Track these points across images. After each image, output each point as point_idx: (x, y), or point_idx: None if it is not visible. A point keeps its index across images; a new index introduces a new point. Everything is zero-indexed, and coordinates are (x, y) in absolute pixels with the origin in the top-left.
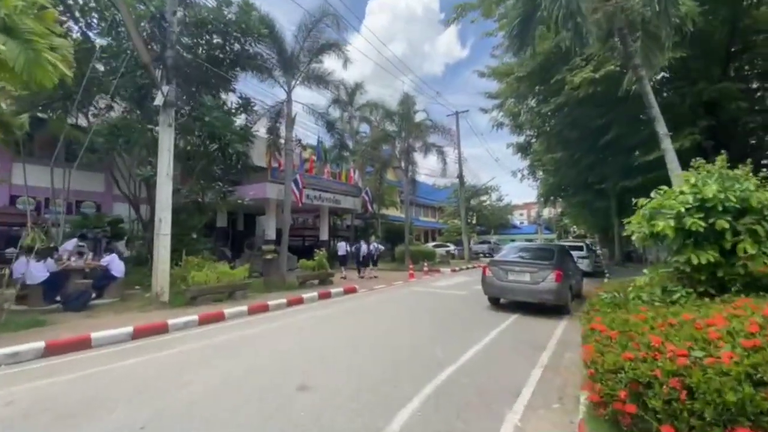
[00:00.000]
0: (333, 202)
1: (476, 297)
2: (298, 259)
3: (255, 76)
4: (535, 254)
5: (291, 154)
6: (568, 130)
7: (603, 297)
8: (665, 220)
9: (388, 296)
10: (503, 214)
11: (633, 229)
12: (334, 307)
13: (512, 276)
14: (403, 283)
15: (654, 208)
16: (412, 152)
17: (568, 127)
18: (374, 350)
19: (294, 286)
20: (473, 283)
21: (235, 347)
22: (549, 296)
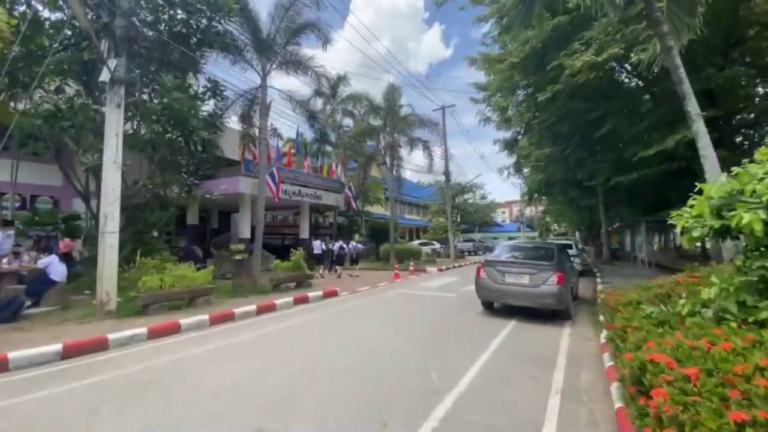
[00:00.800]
0: (314, 198)
1: (467, 300)
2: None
3: (226, 58)
4: (534, 254)
5: (265, 145)
6: (558, 124)
7: (648, 311)
8: (751, 211)
9: (372, 300)
10: (487, 211)
11: (687, 225)
12: (311, 315)
13: (509, 278)
14: (388, 285)
15: (725, 196)
16: (398, 147)
17: (559, 121)
18: (355, 376)
19: (267, 289)
20: (462, 283)
21: (180, 373)
22: (550, 301)
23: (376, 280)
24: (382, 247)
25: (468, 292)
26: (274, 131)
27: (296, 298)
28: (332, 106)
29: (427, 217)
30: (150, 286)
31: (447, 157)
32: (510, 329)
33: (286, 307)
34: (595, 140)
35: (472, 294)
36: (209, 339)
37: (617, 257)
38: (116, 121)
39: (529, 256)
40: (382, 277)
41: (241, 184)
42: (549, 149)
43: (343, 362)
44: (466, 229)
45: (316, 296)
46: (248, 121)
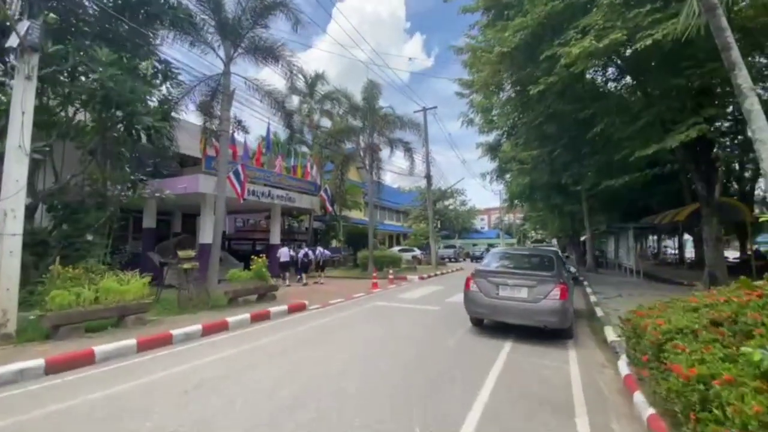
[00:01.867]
0: (286, 200)
1: (452, 313)
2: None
3: (183, 39)
4: (531, 262)
5: (227, 138)
6: (546, 124)
7: (751, 356)
8: None
9: (345, 316)
10: (468, 218)
11: None
12: (269, 337)
13: (504, 291)
14: (364, 296)
15: None
16: (377, 149)
17: (547, 121)
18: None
19: (222, 304)
20: (445, 293)
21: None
22: (553, 319)
23: (352, 289)
24: (360, 254)
25: (453, 304)
26: (239, 124)
27: (254, 314)
28: (309, 105)
29: (408, 222)
30: (61, 303)
31: (428, 160)
32: (507, 354)
33: (240, 325)
34: (584, 141)
35: (458, 306)
36: (127, 374)
37: (599, 264)
38: (24, 96)
39: (525, 265)
40: (358, 287)
41: (201, 182)
42: (536, 151)
43: (302, 416)
44: (446, 236)
45: (279, 311)
46: (209, 112)
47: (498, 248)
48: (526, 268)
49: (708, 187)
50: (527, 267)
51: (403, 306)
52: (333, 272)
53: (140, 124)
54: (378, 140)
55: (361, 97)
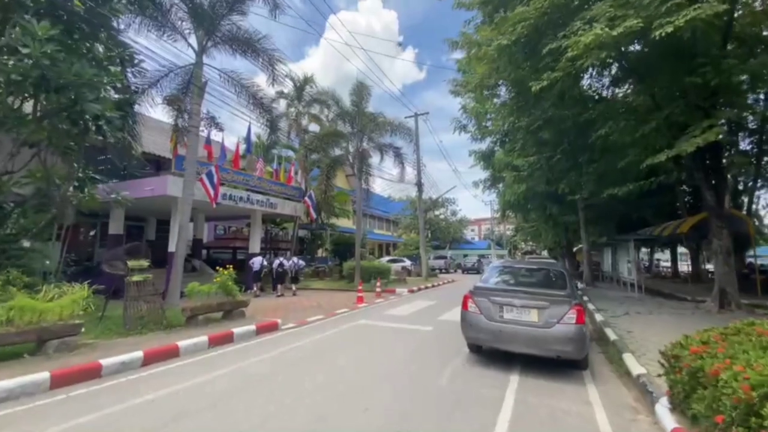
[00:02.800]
0: (267, 206)
1: (445, 335)
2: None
3: (151, 25)
4: (538, 279)
5: (196, 134)
6: (544, 128)
7: None
8: None
9: (321, 339)
10: (459, 228)
11: None
12: (220, 369)
13: (510, 314)
14: (347, 312)
15: None
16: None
17: (545, 125)
18: None
19: (179, 322)
20: (437, 310)
21: None
22: (568, 347)
23: (334, 304)
24: (347, 264)
25: (446, 324)
26: (212, 121)
27: (214, 337)
28: (297, 108)
29: (398, 232)
30: None
31: (419, 167)
32: (515, 393)
33: (194, 351)
34: (583, 148)
35: (452, 326)
36: (15, 424)
37: (597, 277)
38: None
39: (533, 281)
40: (342, 301)
41: (170, 184)
42: (533, 157)
43: None
44: (437, 246)
45: (245, 332)
46: (179, 107)
47: (499, 261)
48: (533, 285)
49: (717, 197)
50: (535, 284)
51: (390, 326)
52: (317, 283)
53: (86, 110)
54: (367, 145)
55: (350, 100)
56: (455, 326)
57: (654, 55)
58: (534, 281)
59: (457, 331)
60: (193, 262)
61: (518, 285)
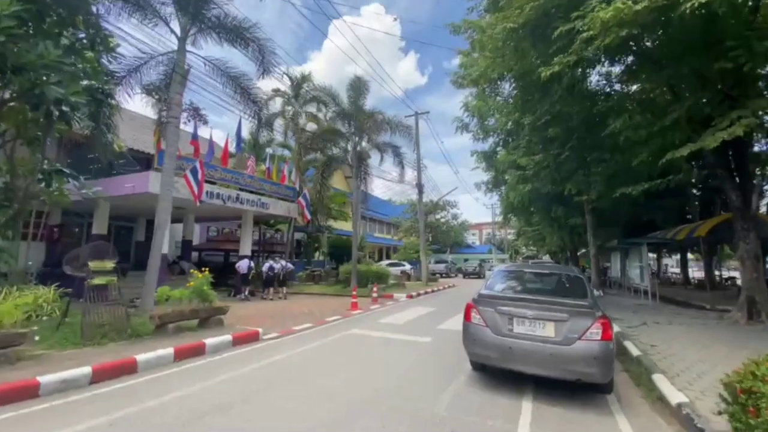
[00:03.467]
0: (258, 205)
1: (445, 349)
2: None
3: (129, 9)
4: (553, 285)
5: (176, 125)
6: (552, 124)
7: None
8: None
9: (305, 352)
10: (460, 232)
11: None
12: (183, 390)
13: (521, 327)
14: (339, 319)
15: None
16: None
17: (553, 121)
18: None
19: (147, 331)
20: (437, 317)
21: None
22: (591, 369)
23: (326, 310)
24: (343, 268)
25: (446, 334)
26: (196, 112)
27: (181, 349)
28: (294, 108)
29: (398, 235)
30: None
31: (420, 168)
32: (528, 427)
33: (157, 365)
34: (593, 145)
35: (452, 337)
36: None
37: (603, 284)
38: None
39: (546, 288)
40: (335, 307)
41: (151, 181)
42: (538, 155)
43: None
44: (437, 250)
45: (220, 343)
46: (159, 96)
47: (506, 265)
48: (548, 293)
49: (743, 198)
50: (549, 292)
51: (384, 336)
52: (312, 288)
53: (48, 96)
54: (366, 145)
55: (347, 95)
56: (456, 337)
57: (677, 39)
58: (548, 288)
59: (459, 343)
60: (181, 265)
61: (529, 292)
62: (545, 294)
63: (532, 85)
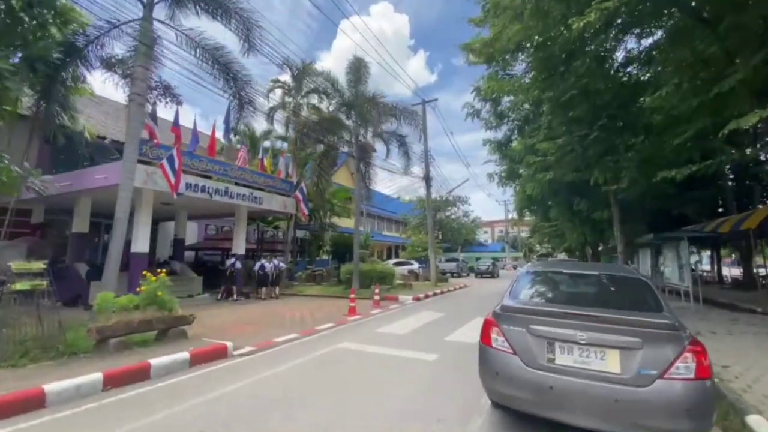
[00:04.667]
0: (250, 200)
1: (456, 370)
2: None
3: None
4: (608, 292)
5: (140, 104)
6: (578, 101)
7: None
8: None
9: (277, 376)
10: (472, 229)
11: None
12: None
13: (568, 356)
14: (332, 327)
15: None
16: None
17: (579, 96)
18: None
19: (85, 348)
20: (446, 326)
21: None
22: (683, 424)
23: (320, 316)
24: (344, 268)
25: (456, 348)
26: (167, 90)
27: (113, 374)
28: (295, 99)
29: (406, 233)
30: None
31: (427, 159)
32: None
33: (73, 398)
34: (624, 127)
35: (464, 352)
36: None
37: None
38: None
39: (600, 297)
40: (332, 311)
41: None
42: (561, 138)
43: None
44: (448, 248)
45: (173, 364)
46: (123, 71)
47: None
48: (602, 304)
49: None
50: (604, 302)
51: (380, 352)
52: (312, 289)
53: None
54: (369, 134)
55: (346, 80)
56: (470, 352)
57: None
58: (601, 297)
59: (473, 362)
60: (172, 265)
61: (575, 303)
62: (599, 306)
63: (553, 57)
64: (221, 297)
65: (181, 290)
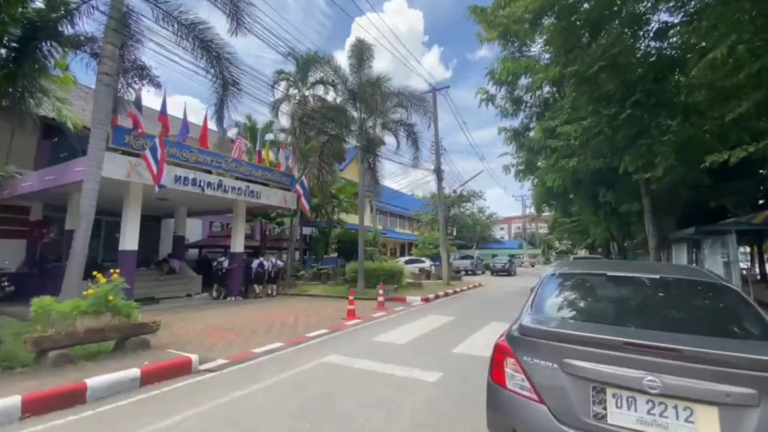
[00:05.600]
0: (246, 194)
1: (463, 401)
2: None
3: None
4: (681, 306)
5: (107, 84)
6: (607, 75)
7: None
8: None
9: (239, 401)
10: (488, 225)
11: None
12: None
13: (628, 412)
14: (324, 335)
15: None
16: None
17: (607, 70)
18: None
19: (24, 361)
20: (455, 333)
21: None
22: None
23: (316, 319)
24: (349, 266)
25: (466, 365)
26: (142, 71)
27: (34, 398)
28: (301, 91)
29: (419, 230)
30: None
31: (438, 150)
32: None
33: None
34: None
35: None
36: None
37: None
38: None
39: (669, 314)
40: (330, 314)
41: (106, 164)
42: (588, 120)
43: None
44: (462, 245)
45: (117, 383)
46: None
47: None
48: (675, 326)
49: None
50: (677, 324)
51: (371, 368)
52: (317, 288)
53: None
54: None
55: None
56: (480, 369)
57: None
58: (670, 315)
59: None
60: (171, 263)
61: (631, 323)
62: (670, 329)
63: (577, 27)
64: (218, 297)
65: (179, 289)
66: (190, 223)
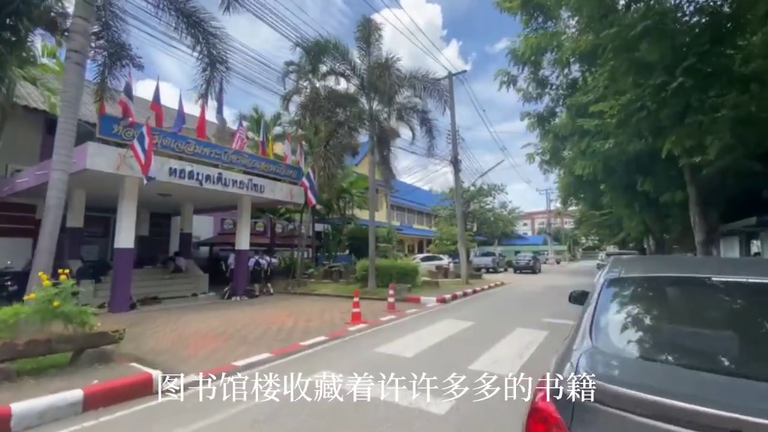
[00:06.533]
0: (249, 188)
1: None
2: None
3: None
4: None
5: (77, 62)
6: (650, 40)
7: None
8: None
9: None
10: (510, 221)
11: None
12: None
13: None
14: (321, 344)
15: None
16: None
17: (648, 37)
18: None
19: None
20: (473, 342)
21: None
22: None
23: (318, 324)
24: (360, 263)
25: (486, 393)
26: (121, 49)
27: None
28: (312, 83)
29: (436, 226)
30: None
31: (455, 139)
32: None
33: None
34: (717, 71)
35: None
36: None
37: None
38: None
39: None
40: (335, 316)
41: (90, 155)
42: (626, 95)
43: None
44: (484, 241)
45: (52, 408)
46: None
47: (624, 262)
48: None
49: None
50: None
51: (366, 393)
52: (326, 287)
53: None
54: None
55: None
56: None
57: None
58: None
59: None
60: (177, 262)
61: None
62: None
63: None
64: (225, 296)
65: (185, 288)
66: (200, 220)
